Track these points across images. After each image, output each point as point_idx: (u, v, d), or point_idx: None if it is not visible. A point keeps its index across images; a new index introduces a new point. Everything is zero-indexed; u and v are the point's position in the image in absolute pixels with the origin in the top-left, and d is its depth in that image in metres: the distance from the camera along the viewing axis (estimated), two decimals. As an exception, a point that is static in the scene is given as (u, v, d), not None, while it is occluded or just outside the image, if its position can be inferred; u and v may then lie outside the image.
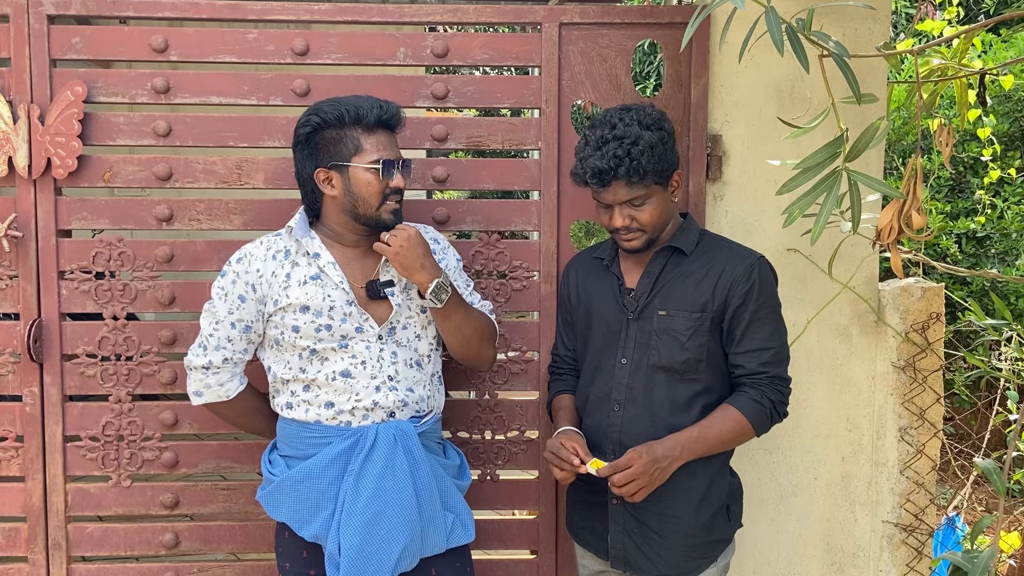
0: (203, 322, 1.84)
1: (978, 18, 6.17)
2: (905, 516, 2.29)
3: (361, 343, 1.79)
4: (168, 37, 2.15)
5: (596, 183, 1.75)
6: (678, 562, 1.81)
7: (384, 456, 1.74)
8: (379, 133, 1.78)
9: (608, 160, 1.71)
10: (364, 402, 1.77)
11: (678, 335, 1.80)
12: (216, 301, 1.83)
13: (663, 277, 1.84)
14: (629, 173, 1.71)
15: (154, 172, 2.17)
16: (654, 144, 1.72)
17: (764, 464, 2.28)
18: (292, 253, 1.81)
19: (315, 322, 1.76)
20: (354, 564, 1.68)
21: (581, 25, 2.20)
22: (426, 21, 2.21)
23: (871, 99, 1.63)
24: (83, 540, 2.22)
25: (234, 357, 1.84)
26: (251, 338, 1.84)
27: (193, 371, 1.86)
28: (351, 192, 1.77)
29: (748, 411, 1.77)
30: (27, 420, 2.17)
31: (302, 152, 1.80)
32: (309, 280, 1.79)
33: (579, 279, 1.99)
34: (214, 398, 1.87)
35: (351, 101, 1.77)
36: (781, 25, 1.49)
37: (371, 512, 1.70)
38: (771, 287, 1.84)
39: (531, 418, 2.26)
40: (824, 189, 1.55)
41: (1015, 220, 4.08)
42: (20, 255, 2.15)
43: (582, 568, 1.99)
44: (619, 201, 1.76)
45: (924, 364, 2.25)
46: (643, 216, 1.77)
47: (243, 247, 1.86)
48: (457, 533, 1.84)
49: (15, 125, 2.09)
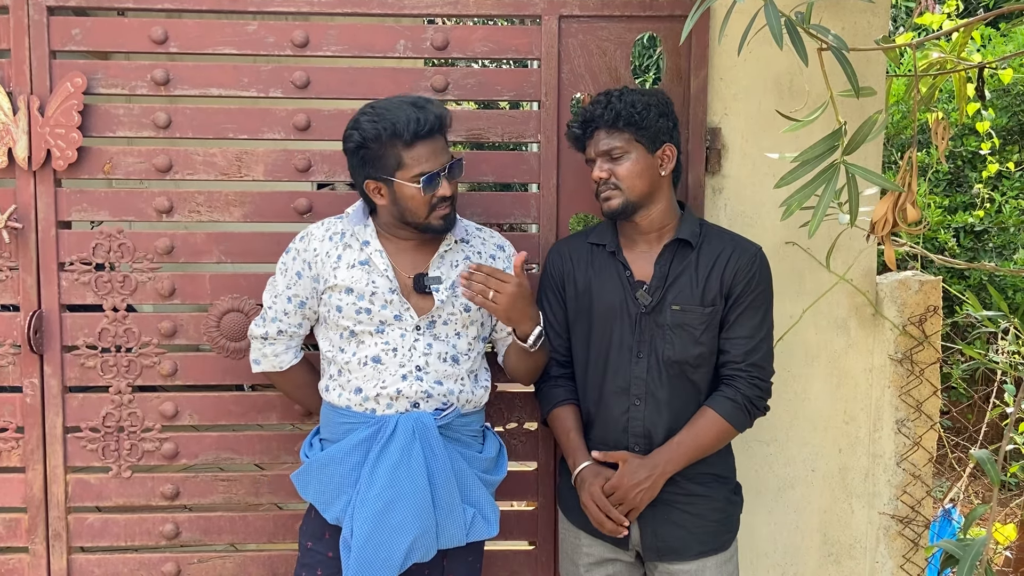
0: (265, 295, 1.93)
1: (977, 12, 6.17)
2: (902, 508, 2.31)
3: (397, 331, 1.82)
4: (168, 29, 2.15)
5: (579, 130, 1.85)
6: (710, 537, 1.88)
7: (401, 447, 1.76)
8: (419, 146, 1.76)
9: (593, 108, 1.83)
10: (389, 389, 1.79)
11: (692, 329, 1.83)
12: (277, 276, 1.91)
13: (673, 270, 1.86)
14: (608, 118, 1.80)
15: (154, 164, 2.17)
16: (638, 102, 1.81)
17: (762, 456, 2.29)
18: (346, 236, 1.86)
19: (356, 304, 1.80)
20: (364, 550, 1.71)
21: (581, 18, 2.20)
22: (426, 13, 2.21)
23: (870, 92, 1.63)
24: (83, 531, 2.23)
25: (289, 330, 1.91)
26: (306, 313, 1.90)
27: (254, 340, 1.95)
28: (398, 204, 1.80)
29: (726, 412, 1.82)
30: (27, 411, 2.18)
31: (351, 162, 1.83)
32: (358, 264, 1.83)
33: (573, 265, 1.95)
34: (269, 367, 1.96)
35: (388, 116, 1.74)
36: (780, 18, 1.49)
37: (383, 501, 1.73)
38: (768, 279, 1.88)
39: (530, 410, 2.27)
40: (822, 182, 1.56)
41: (1013, 214, 4.09)
42: (20, 246, 2.15)
43: (586, 556, 1.95)
44: (599, 152, 1.83)
45: (921, 357, 2.26)
46: (620, 170, 1.82)
47: (308, 227, 1.92)
48: (478, 527, 1.83)
49: (15, 116, 2.09)
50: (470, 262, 1.89)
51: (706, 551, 1.87)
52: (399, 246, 1.87)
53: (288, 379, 1.99)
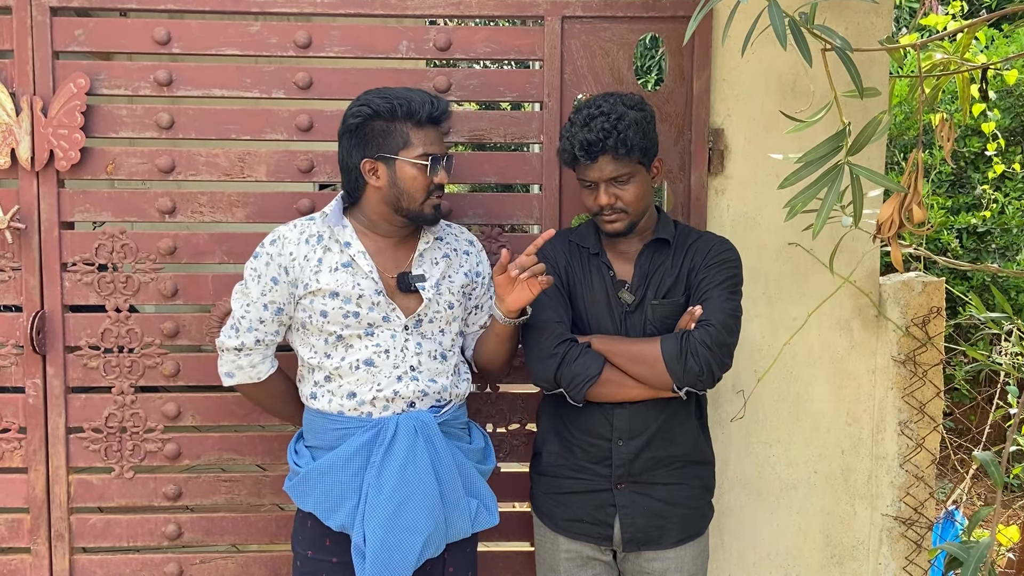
0: (235, 303, 1.84)
1: (979, 13, 6.16)
2: (904, 510, 2.30)
3: (387, 332, 1.80)
4: (170, 29, 2.15)
5: (585, 156, 1.79)
6: (688, 524, 1.89)
7: (405, 448, 1.75)
8: (428, 129, 1.78)
9: (596, 132, 1.76)
10: (385, 392, 1.78)
11: (672, 321, 1.86)
12: (249, 282, 1.83)
13: (652, 268, 1.89)
14: (616, 146, 1.76)
15: (156, 164, 2.17)
16: (638, 121, 1.79)
17: (764, 457, 2.29)
18: (324, 238, 1.82)
19: (343, 308, 1.77)
20: (379, 555, 1.70)
21: (583, 19, 2.20)
22: (428, 14, 2.21)
23: (874, 93, 1.63)
24: (86, 531, 2.23)
25: (266, 339, 1.84)
26: (282, 320, 1.84)
27: (225, 352, 1.86)
28: (396, 185, 1.77)
29: (666, 342, 1.78)
30: (30, 412, 2.18)
31: (349, 141, 1.80)
32: (340, 267, 1.80)
33: (567, 260, 1.93)
34: (245, 379, 1.88)
35: (403, 94, 1.76)
36: (784, 19, 1.49)
37: (393, 504, 1.72)
38: (733, 262, 1.87)
39: (532, 411, 2.27)
40: (826, 183, 1.55)
41: (1016, 215, 4.08)
42: (23, 247, 2.15)
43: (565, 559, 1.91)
44: (605, 178, 1.80)
45: (924, 358, 2.26)
46: (627, 195, 1.81)
47: (277, 229, 1.86)
48: (482, 517, 1.86)
49: (18, 117, 2.09)
50: (448, 259, 1.90)
51: (684, 538, 1.89)
52: (379, 245, 1.84)
53: (265, 389, 1.91)
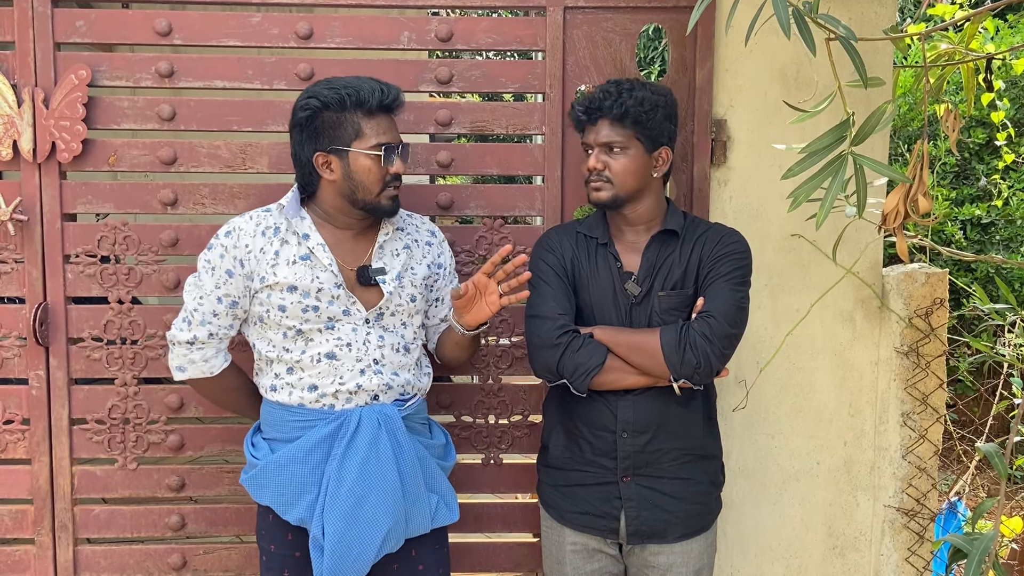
0: (187, 296, 1.81)
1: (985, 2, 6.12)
2: (907, 501, 2.30)
3: (347, 326, 1.78)
4: (172, 21, 2.14)
5: (584, 116, 1.83)
6: (694, 519, 1.89)
7: (368, 440, 1.73)
8: (380, 117, 1.75)
9: (600, 93, 1.82)
10: (348, 385, 1.76)
11: (678, 313, 1.86)
12: (202, 274, 1.79)
13: (659, 259, 1.88)
14: (613, 108, 1.79)
15: (158, 156, 2.17)
16: (646, 99, 1.81)
17: (766, 449, 2.29)
18: (282, 231, 1.78)
19: (302, 302, 1.75)
20: (337, 548, 1.68)
21: (586, 9, 2.19)
22: (430, 5, 2.20)
23: (878, 82, 1.62)
24: (89, 522, 2.24)
25: (219, 332, 1.81)
26: (237, 313, 1.81)
27: (177, 346, 1.82)
28: (351, 178, 1.74)
29: (665, 332, 1.78)
30: (33, 403, 2.18)
31: (300, 135, 1.76)
32: (298, 260, 1.76)
33: (573, 251, 1.91)
34: (197, 374, 1.84)
35: (351, 83, 1.73)
36: (787, 8, 1.48)
37: (355, 497, 1.70)
38: (742, 255, 1.86)
39: (534, 403, 2.27)
40: (829, 173, 1.54)
41: (1020, 206, 4.07)
42: (25, 239, 2.15)
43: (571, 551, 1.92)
44: (599, 142, 1.82)
45: (927, 349, 2.25)
46: (615, 165, 1.82)
47: (231, 220, 1.82)
48: (442, 514, 1.85)
49: (19, 109, 2.09)
50: (410, 251, 1.88)
51: (689, 533, 1.88)
52: (338, 237, 1.81)
53: (218, 384, 1.87)
